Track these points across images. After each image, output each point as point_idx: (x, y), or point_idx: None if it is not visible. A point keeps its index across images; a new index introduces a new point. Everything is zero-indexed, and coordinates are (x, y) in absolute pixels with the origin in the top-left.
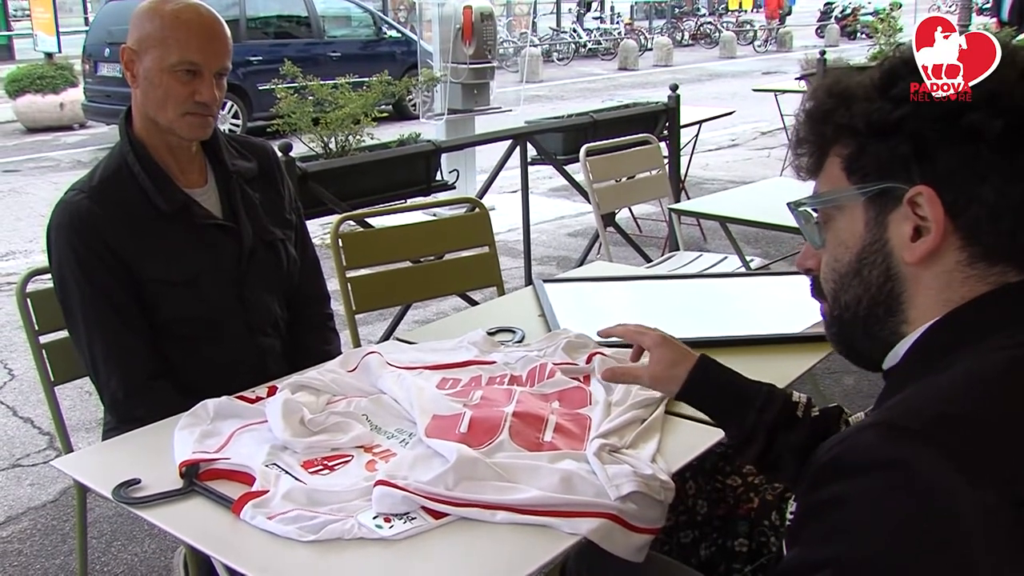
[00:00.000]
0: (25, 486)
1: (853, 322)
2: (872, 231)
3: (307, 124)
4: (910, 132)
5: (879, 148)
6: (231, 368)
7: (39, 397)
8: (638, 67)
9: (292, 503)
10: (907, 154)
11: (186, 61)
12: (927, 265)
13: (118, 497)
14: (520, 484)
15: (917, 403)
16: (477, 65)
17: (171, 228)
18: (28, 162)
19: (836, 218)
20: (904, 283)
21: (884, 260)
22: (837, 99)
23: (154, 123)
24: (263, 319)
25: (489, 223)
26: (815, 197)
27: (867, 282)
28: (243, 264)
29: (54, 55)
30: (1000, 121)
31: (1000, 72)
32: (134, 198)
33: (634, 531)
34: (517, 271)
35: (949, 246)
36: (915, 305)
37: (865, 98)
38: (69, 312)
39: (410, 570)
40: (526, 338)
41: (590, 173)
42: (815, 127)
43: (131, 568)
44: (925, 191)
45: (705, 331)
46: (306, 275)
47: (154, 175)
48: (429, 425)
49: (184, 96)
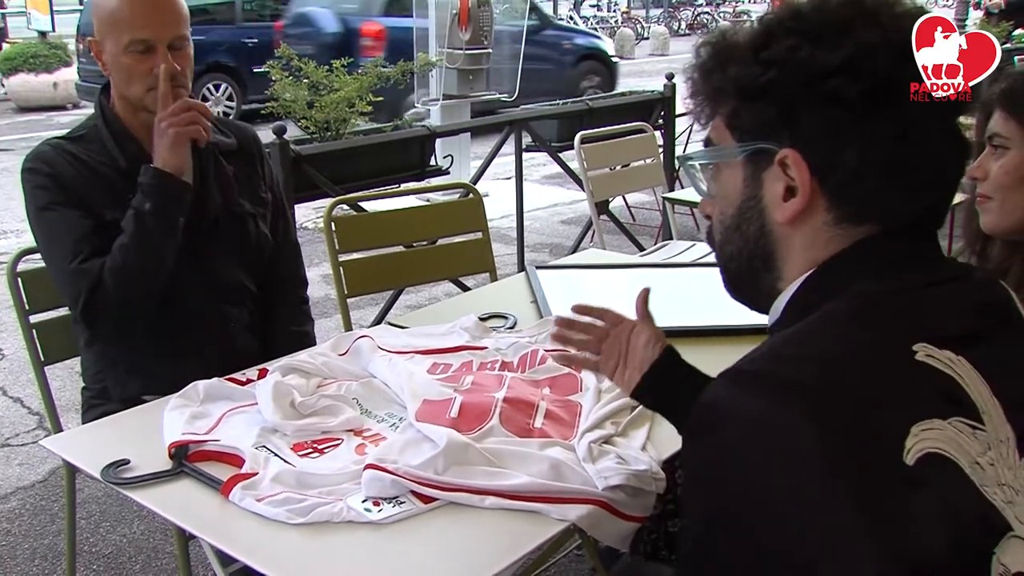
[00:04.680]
0: (14, 466)
1: (739, 273)
2: (750, 187)
3: (302, 107)
4: (776, 96)
5: (751, 110)
6: (194, 332)
7: (29, 377)
8: (634, 56)
9: (281, 485)
10: (774, 118)
11: (136, 40)
12: (797, 225)
13: (107, 477)
14: (509, 470)
15: (761, 350)
16: (473, 51)
17: (131, 187)
18: (20, 141)
19: (723, 171)
20: (777, 241)
21: (759, 217)
22: (716, 59)
23: (129, 102)
24: (226, 287)
25: (483, 209)
26: (703, 152)
27: (745, 236)
28: (203, 230)
29: (48, 34)
30: (858, 86)
31: (859, 33)
32: (99, 156)
33: (623, 518)
34: (510, 257)
35: (817, 207)
36: (788, 262)
37: (739, 60)
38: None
39: (399, 554)
40: (518, 324)
41: (585, 161)
42: (702, 82)
43: (119, 549)
44: (791, 154)
45: (697, 320)
46: (285, 258)
47: (118, 136)
48: (419, 409)
49: (143, 72)
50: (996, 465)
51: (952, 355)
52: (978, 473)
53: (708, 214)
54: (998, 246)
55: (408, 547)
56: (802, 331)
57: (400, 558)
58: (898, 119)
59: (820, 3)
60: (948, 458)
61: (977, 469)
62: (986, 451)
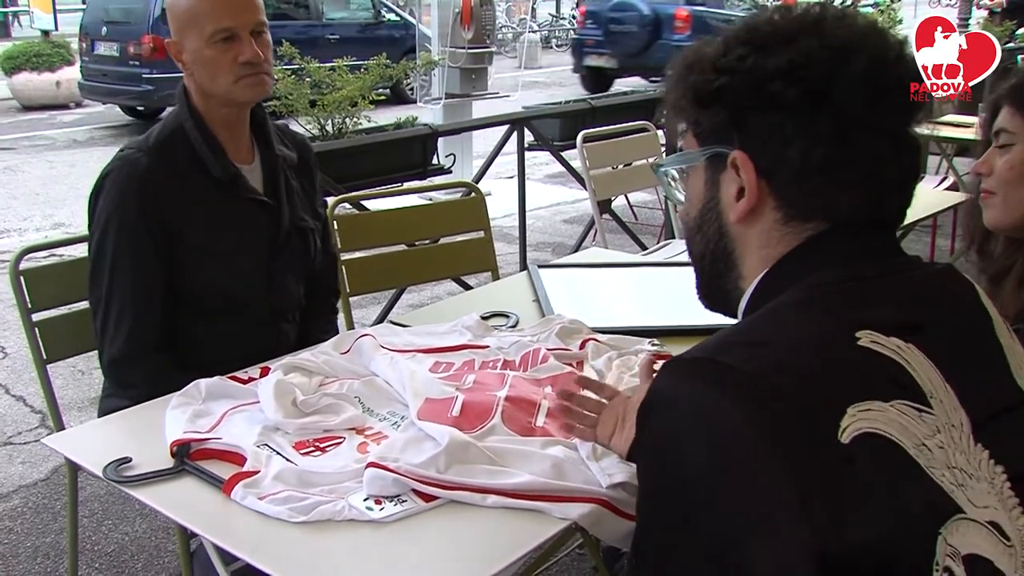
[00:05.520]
0: (16, 464)
1: (705, 275)
2: (709, 190)
3: (304, 106)
4: (727, 102)
5: (707, 115)
6: (247, 348)
7: (31, 375)
8: None
9: (283, 484)
10: (727, 121)
11: (220, 29)
12: (750, 224)
13: (109, 475)
14: (511, 468)
15: (708, 340)
16: (475, 50)
17: (218, 198)
18: (23, 140)
19: (690, 176)
20: (734, 241)
21: (717, 218)
22: (684, 69)
23: (212, 97)
24: (287, 304)
25: (485, 208)
26: (671, 158)
27: (707, 237)
28: (278, 245)
29: (51, 33)
30: (795, 89)
31: (800, 42)
32: (188, 163)
33: (625, 517)
34: (512, 256)
35: (765, 206)
36: (746, 262)
37: (700, 70)
38: (98, 263)
39: (400, 552)
40: (520, 323)
41: (587, 160)
42: (672, 93)
43: (122, 547)
44: (739, 156)
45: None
46: (325, 268)
47: (211, 143)
48: (421, 408)
49: (229, 63)
50: (946, 448)
51: (900, 342)
52: (925, 455)
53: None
54: (1001, 243)
55: (409, 546)
56: (748, 321)
57: (401, 557)
58: (835, 121)
59: (771, 18)
60: (888, 438)
61: (924, 451)
62: (935, 434)
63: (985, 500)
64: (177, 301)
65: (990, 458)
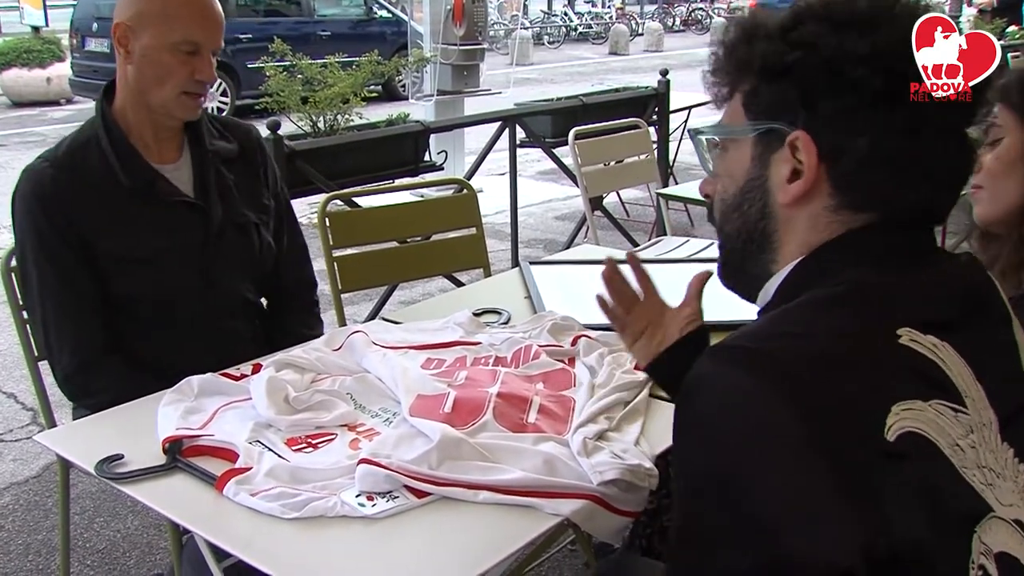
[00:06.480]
0: (8, 461)
1: (734, 254)
2: (756, 167)
3: (296, 103)
4: (798, 78)
5: (770, 89)
6: (193, 346)
7: (22, 372)
8: (629, 52)
9: (275, 480)
10: (793, 99)
11: (189, 40)
12: (798, 207)
13: (101, 472)
14: (503, 465)
15: (748, 327)
16: (467, 46)
17: (134, 204)
18: (14, 136)
19: (730, 150)
20: (777, 223)
21: (762, 197)
22: (744, 35)
23: (142, 101)
24: (228, 302)
25: (477, 204)
26: (714, 127)
27: (746, 216)
28: (209, 244)
29: (41, 29)
30: (880, 78)
31: (887, 33)
32: (99, 171)
33: (616, 513)
34: (504, 253)
35: (819, 191)
36: (784, 245)
37: (766, 37)
38: (27, 283)
39: (392, 548)
40: (512, 320)
41: (579, 157)
42: (726, 59)
43: (114, 544)
44: (802, 136)
45: None
46: (293, 262)
47: (120, 149)
48: (413, 404)
49: (184, 75)
50: (977, 448)
51: (936, 340)
52: (958, 455)
53: (708, 193)
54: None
55: (402, 542)
56: (788, 310)
57: (394, 553)
58: (912, 114)
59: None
60: (927, 438)
61: (957, 451)
62: (968, 434)
63: (1010, 498)
64: (113, 309)
65: (1015, 456)
